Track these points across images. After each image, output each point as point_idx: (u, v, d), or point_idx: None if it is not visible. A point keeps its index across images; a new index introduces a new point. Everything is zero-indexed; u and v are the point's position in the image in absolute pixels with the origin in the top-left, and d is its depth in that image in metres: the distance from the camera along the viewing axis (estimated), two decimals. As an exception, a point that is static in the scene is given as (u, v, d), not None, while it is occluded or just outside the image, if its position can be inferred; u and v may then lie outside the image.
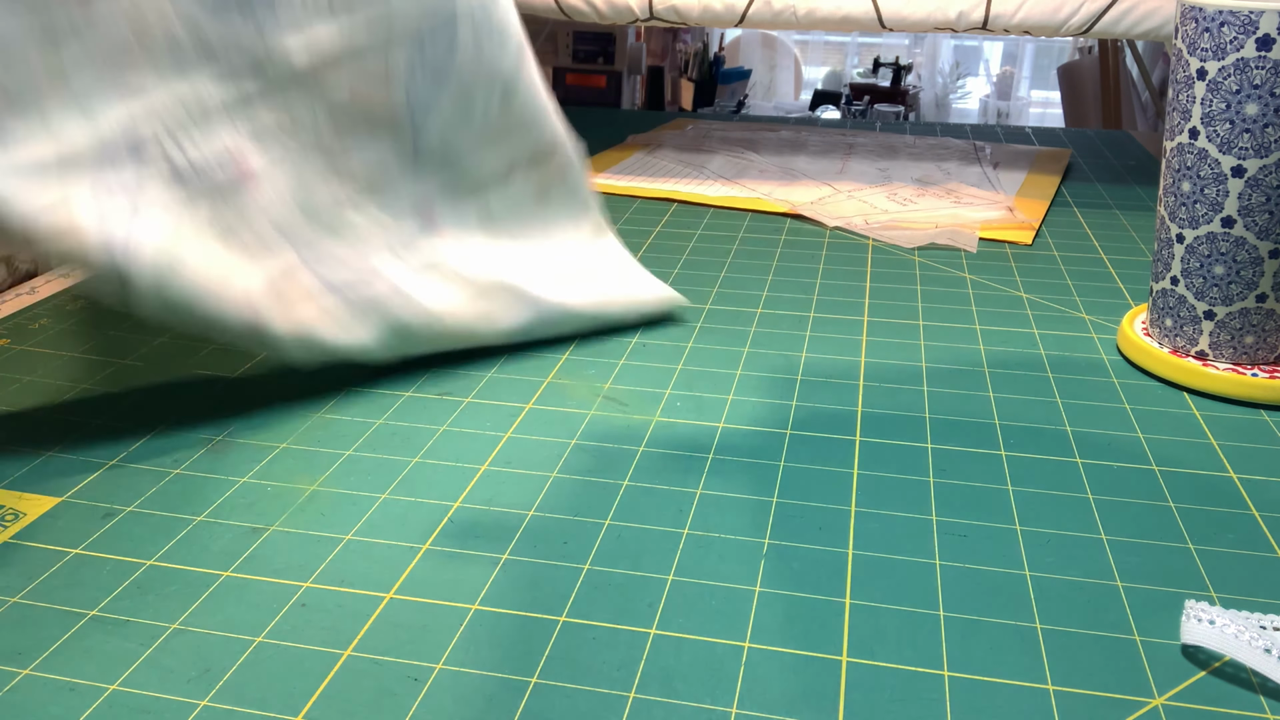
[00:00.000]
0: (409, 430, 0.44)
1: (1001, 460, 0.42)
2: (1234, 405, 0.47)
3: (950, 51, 3.77)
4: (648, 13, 0.84)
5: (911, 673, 0.31)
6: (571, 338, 0.53)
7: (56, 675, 0.30)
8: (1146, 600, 0.34)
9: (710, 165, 0.87)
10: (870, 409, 0.46)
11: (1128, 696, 0.30)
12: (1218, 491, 0.40)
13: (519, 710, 0.29)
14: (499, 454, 0.42)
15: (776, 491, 0.40)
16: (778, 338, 0.54)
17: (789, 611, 0.33)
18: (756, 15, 0.82)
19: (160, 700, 0.30)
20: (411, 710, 0.29)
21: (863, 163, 0.88)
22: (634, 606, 0.33)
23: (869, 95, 3.38)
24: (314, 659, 0.31)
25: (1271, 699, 0.30)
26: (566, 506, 0.39)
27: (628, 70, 2.38)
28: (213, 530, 0.37)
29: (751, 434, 0.44)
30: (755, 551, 0.36)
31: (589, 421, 0.45)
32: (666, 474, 0.41)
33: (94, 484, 0.40)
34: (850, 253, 0.67)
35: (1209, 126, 0.46)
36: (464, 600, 0.34)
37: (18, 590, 0.34)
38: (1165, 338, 0.50)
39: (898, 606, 0.34)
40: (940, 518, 0.38)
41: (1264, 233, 0.46)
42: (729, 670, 0.31)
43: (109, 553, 0.36)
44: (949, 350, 0.52)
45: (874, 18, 0.80)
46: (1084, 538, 0.37)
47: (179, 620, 0.33)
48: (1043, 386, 0.48)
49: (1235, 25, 0.44)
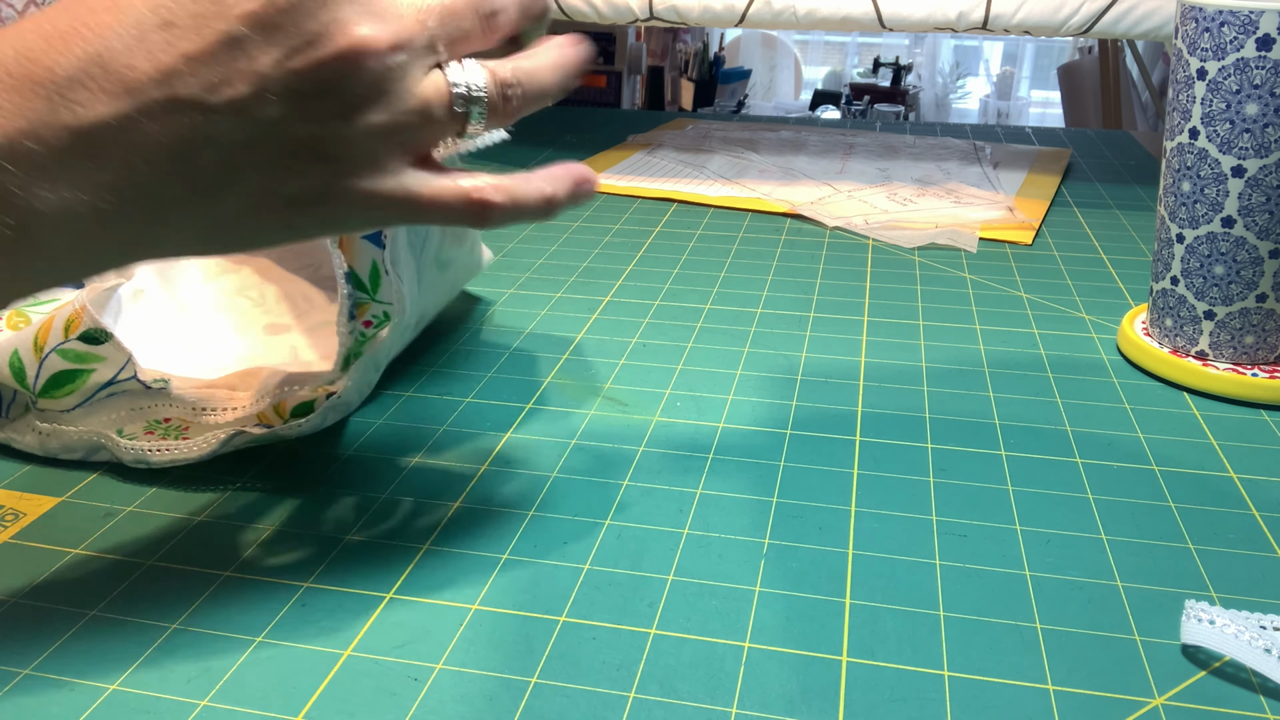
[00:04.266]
0: (409, 430, 0.44)
1: (1001, 460, 0.42)
2: (1234, 405, 0.47)
3: (950, 51, 3.77)
4: (648, 13, 0.84)
5: (911, 673, 0.31)
6: (571, 338, 0.53)
7: (56, 675, 0.30)
8: (1146, 600, 0.34)
9: (710, 165, 0.87)
10: (870, 409, 0.46)
11: (1128, 696, 0.30)
12: (1218, 491, 0.40)
13: (519, 710, 0.29)
14: (499, 454, 0.42)
15: (776, 491, 0.40)
16: (778, 338, 0.54)
17: (789, 611, 0.33)
18: (756, 15, 0.82)
19: (160, 700, 0.30)
20: (411, 710, 0.29)
21: (863, 163, 0.88)
22: (634, 606, 0.33)
23: (869, 95, 3.38)
24: (314, 659, 0.31)
25: (1271, 699, 0.30)
26: (566, 506, 0.39)
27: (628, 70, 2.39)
28: (213, 530, 0.37)
29: (751, 434, 0.44)
30: (755, 551, 0.36)
31: (589, 421, 0.45)
32: (666, 474, 0.41)
33: (94, 484, 0.40)
34: (850, 253, 0.67)
35: (1209, 126, 0.46)
36: (464, 600, 0.34)
37: (18, 590, 0.34)
38: (1165, 338, 0.50)
39: (898, 606, 0.34)
40: (940, 518, 0.38)
41: (1264, 233, 0.46)
42: (729, 670, 0.31)
43: (109, 553, 0.36)
44: (949, 350, 0.52)
45: (874, 18, 0.80)
46: (1084, 538, 0.37)
47: (179, 620, 0.33)
48: (1043, 386, 0.48)
49: (1235, 25, 0.44)
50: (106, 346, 0.40)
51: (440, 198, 0.31)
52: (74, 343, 0.40)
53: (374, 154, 0.29)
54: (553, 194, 0.33)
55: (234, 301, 0.51)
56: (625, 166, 0.87)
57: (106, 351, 0.40)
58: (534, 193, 0.32)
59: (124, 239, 0.28)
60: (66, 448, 0.41)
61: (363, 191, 0.30)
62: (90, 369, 0.40)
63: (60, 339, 0.40)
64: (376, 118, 0.29)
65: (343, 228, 0.31)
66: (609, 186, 0.81)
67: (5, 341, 0.41)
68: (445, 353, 0.52)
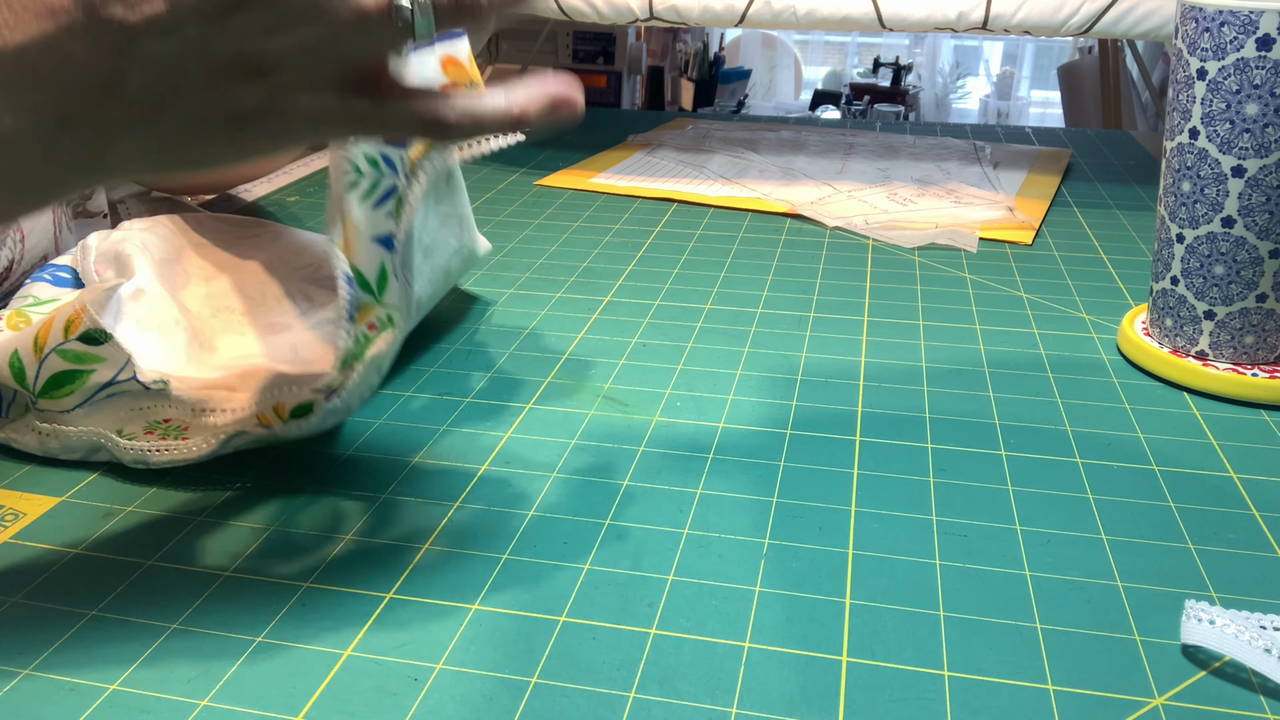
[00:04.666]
0: (409, 430, 0.44)
1: (1001, 460, 0.42)
2: (1234, 405, 0.47)
3: (950, 51, 3.77)
4: (648, 13, 0.84)
5: (911, 673, 0.31)
6: (570, 338, 0.53)
7: (56, 675, 0.30)
8: (1146, 600, 0.34)
9: (710, 165, 0.87)
10: (870, 409, 0.46)
11: (1128, 696, 0.30)
12: (1218, 491, 0.40)
13: (519, 710, 0.29)
14: (499, 454, 0.42)
15: (776, 491, 0.40)
16: (778, 338, 0.54)
17: (789, 611, 0.33)
18: (756, 15, 0.82)
19: (160, 700, 0.30)
20: (411, 710, 0.29)
21: (863, 163, 0.88)
22: (634, 606, 0.33)
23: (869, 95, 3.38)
24: (314, 659, 0.31)
25: (1271, 699, 0.30)
26: (566, 506, 0.39)
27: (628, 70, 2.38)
28: (213, 530, 0.37)
29: (751, 434, 0.44)
30: (755, 551, 0.36)
31: (589, 421, 0.45)
32: (666, 474, 0.41)
33: (94, 484, 0.40)
34: (850, 253, 0.67)
35: (1209, 126, 0.46)
36: (464, 600, 0.34)
37: (18, 590, 0.34)
38: (1165, 338, 0.50)
39: (898, 606, 0.34)
40: (940, 518, 0.38)
41: (1264, 233, 0.46)
42: (729, 670, 0.31)
43: (109, 553, 0.36)
44: (949, 350, 0.52)
45: (874, 18, 0.80)
46: (1084, 538, 0.37)
47: (179, 620, 0.33)
48: (1043, 386, 0.48)
49: (1235, 25, 0.44)
50: (106, 347, 0.40)
51: (392, 116, 0.31)
52: (74, 343, 0.40)
53: (311, 68, 0.29)
54: (520, 113, 0.31)
55: (234, 301, 0.51)
56: (625, 166, 0.87)
57: (106, 352, 0.40)
58: (495, 111, 0.31)
59: (75, 161, 0.29)
60: (66, 448, 0.41)
61: (305, 107, 0.30)
62: (90, 369, 0.40)
63: (60, 339, 0.40)
64: (306, 31, 0.28)
65: (294, 140, 0.31)
66: (609, 186, 0.81)
67: (5, 341, 0.41)
68: (445, 353, 0.52)
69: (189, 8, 0.27)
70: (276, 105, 0.29)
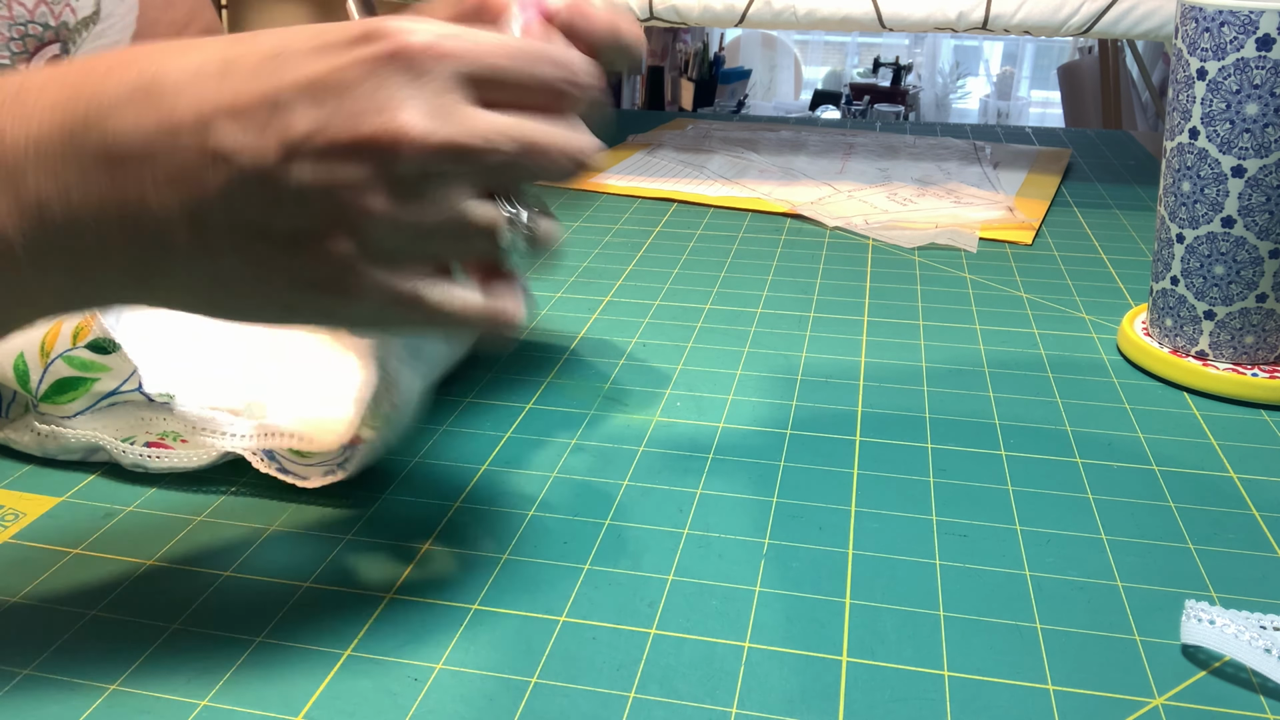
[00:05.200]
0: (409, 430, 0.44)
1: (1001, 460, 0.42)
2: (1234, 405, 0.47)
3: (950, 51, 3.77)
4: (648, 13, 0.84)
5: (911, 673, 0.31)
6: (569, 339, 0.53)
7: (56, 675, 0.30)
8: (1146, 600, 0.34)
9: (710, 165, 0.87)
10: (870, 409, 0.46)
11: (1128, 696, 0.30)
12: (1218, 491, 0.40)
13: (519, 710, 0.29)
14: (499, 454, 0.42)
15: (776, 491, 0.40)
16: (778, 338, 0.54)
17: (789, 611, 0.33)
18: (756, 15, 0.82)
19: (160, 700, 0.30)
20: (411, 710, 0.29)
21: (863, 163, 0.88)
22: (634, 606, 0.33)
23: (869, 95, 3.39)
24: (314, 659, 0.31)
25: (1271, 699, 0.30)
26: (566, 506, 0.39)
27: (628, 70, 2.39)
28: (213, 530, 0.37)
29: (751, 434, 0.44)
30: (755, 551, 0.36)
31: (589, 421, 0.45)
32: (666, 474, 0.41)
33: (94, 484, 0.40)
34: (850, 253, 0.67)
35: (1209, 126, 0.46)
36: (464, 600, 0.34)
37: (18, 590, 0.34)
38: (1165, 338, 0.50)
39: (898, 606, 0.34)
40: (940, 518, 0.38)
41: (1264, 233, 0.46)
42: (729, 670, 0.31)
43: (109, 553, 0.36)
44: (949, 350, 0.52)
45: (874, 18, 0.80)
46: (1084, 538, 0.37)
47: (179, 620, 0.33)
48: (1043, 386, 0.48)
49: (1235, 25, 0.44)
50: (113, 357, 0.40)
51: (459, 312, 0.29)
52: (81, 350, 0.40)
53: (391, 251, 0.28)
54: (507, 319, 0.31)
55: None
56: (625, 166, 0.87)
57: (113, 362, 0.40)
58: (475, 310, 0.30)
59: (122, 270, 0.28)
60: (65, 449, 0.41)
61: (370, 286, 0.28)
62: (94, 378, 0.40)
63: (68, 345, 0.40)
64: (403, 215, 0.27)
65: (341, 321, 0.30)
66: (609, 186, 0.81)
67: (11, 344, 0.41)
68: (445, 353, 0.52)
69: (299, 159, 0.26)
70: (341, 278, 0.28)
